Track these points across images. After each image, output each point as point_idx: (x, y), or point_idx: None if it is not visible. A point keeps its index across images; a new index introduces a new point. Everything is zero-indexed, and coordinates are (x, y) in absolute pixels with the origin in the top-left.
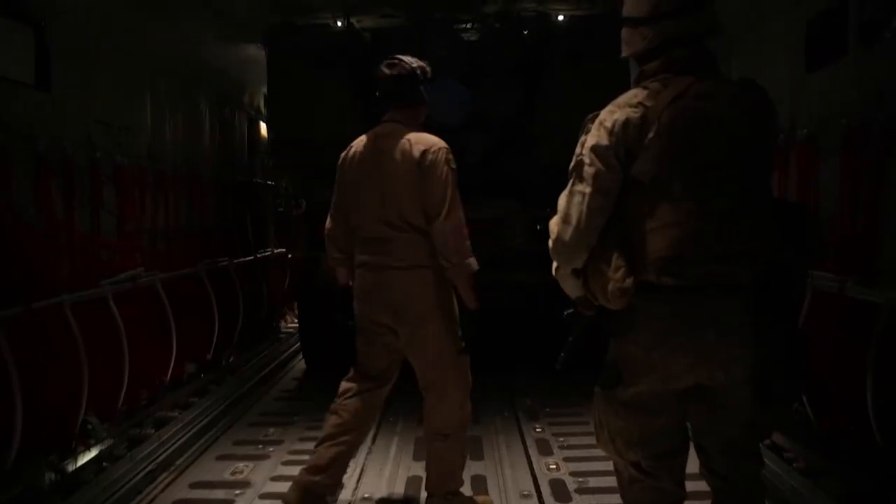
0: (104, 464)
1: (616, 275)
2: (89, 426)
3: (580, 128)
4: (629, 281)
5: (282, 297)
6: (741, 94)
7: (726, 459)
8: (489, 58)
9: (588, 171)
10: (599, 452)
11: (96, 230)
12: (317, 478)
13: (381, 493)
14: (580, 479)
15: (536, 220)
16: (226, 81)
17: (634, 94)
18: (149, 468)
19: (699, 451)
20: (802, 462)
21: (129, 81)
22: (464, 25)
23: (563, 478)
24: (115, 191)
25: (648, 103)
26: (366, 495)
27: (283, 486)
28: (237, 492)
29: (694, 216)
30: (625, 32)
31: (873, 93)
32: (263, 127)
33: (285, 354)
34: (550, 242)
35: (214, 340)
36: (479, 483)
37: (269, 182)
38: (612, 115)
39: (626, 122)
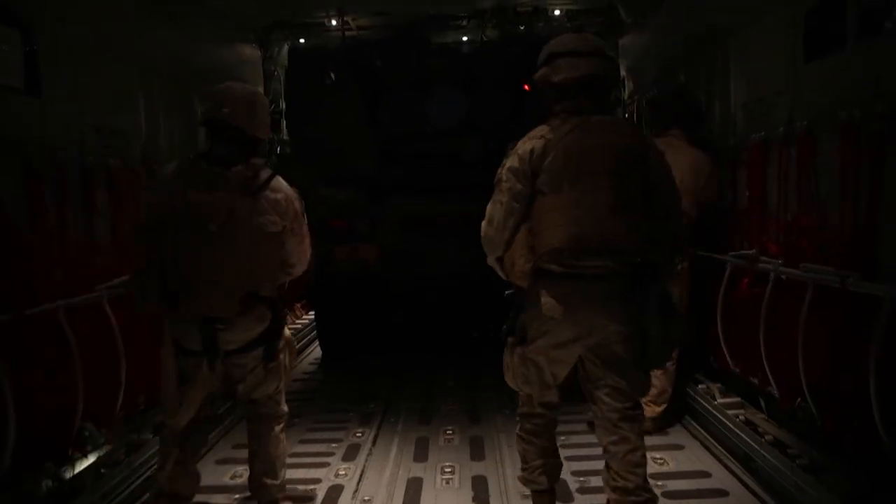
0: (102, 470)
1: (521, 261)
2: (86, 432)
3: (504, 153)
4: (528, 266)
5: (282, 296)
6: (621, 130)
7: (609, 406)
8: (482, 70)
9: (505, 185)
10: (601, 451)
11: (90, 235)
12: None
13: (382, 495)
14: (582, 479)
15: None
16: (220, 81)
17: (540, 129)
18: (147, 474)
19: (593, 401)
20: (806, 459)
21: (121, 84)
22: (460, 22)
23: (565, 477)
24: (108, 194)
25: (549, 136)
26: (366, 498)
27: None
28: (236, 496)
29: (577, 221)
30: (563, 65)
31: (873, 84)
32: None
33: None
34: (482, 238)
35: None
36: (480, 483)
37: None
38: (524, 144)
39: (532, 150)
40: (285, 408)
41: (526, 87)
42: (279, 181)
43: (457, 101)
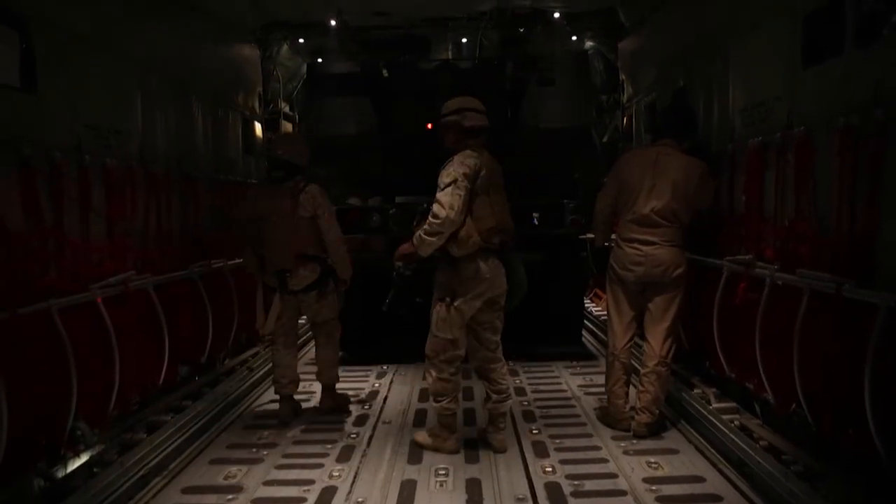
0: (94, 469)
1: (475, 236)
2: (78, 432)
3: (444, 165)
4: (479, 239)
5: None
6: (497, 161)
7: (490, 335)
8: (481, 84)
9: (461, 183)
10: (595, 455)
11: (86, 234)
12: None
13: (376, 496)
14: (576, 483)
15: (529, 214)
16: (219, 81)
17: (470, 153)
18: (140, 473)
19: (478, 339)
20: (800, 465)
21: (118, 82)
22: (459, 23)
23: (559, 481)
24: (104, 194)
25: (479, 160)
26: (360, 499)
27: (277, 491)
28: (230, 496)
29: (496, 212)
30: (471, 116)
31: (871, 90)
32: (258, 127)
33: None
34: (438, 221)
35: (209, 343)
36: (474, 486)
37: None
38: (468, 159)
39: (475, 165)
40: (339, 328)
41: (429, 126)
42: (311, 186)
43: None
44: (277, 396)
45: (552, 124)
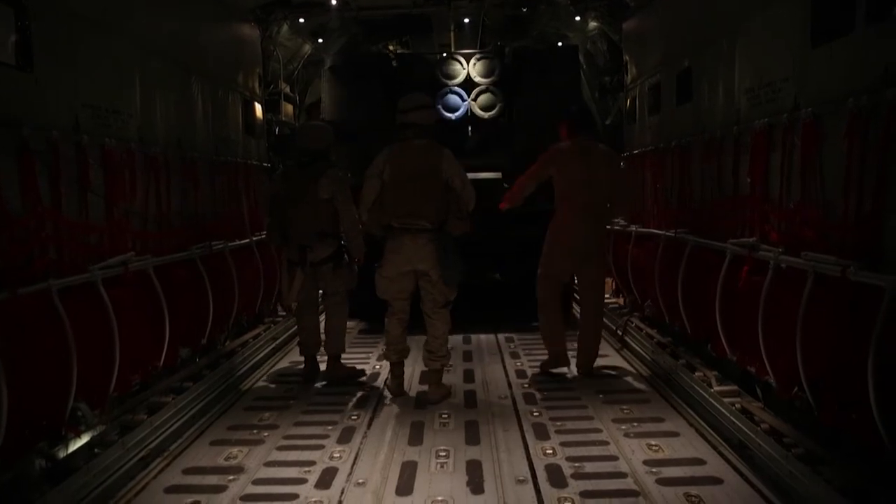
0: (96, 450)
1: (374, 218)
2: (79, 412)
3: (368, 168)
4: (381, 222)
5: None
6: (429, 150)
7: (430, 304)
8: (481, 76)
9: (370, 178)
10: (596, 437)
11: (84, 215)
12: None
13: (376, 478)
14: (576, 465)
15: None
16: (219, 62)
17: (386, 151)
18: (141, 454)
19: (422, 303)
20: (801, 448)
21: (117, 62)
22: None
23: (559, 462)
24: (103, 175)
25: (387, 157)
26: (360, 480)
27: (277, 472)
28: (230, 477)
29: (400, 198)
30: (398, 116)
31: (882, 70)
32: (259, 108)
33: (282, 338)
34: (358, 205)
35: (209, 324)
36: (475, 467)
37: (266, 164)
38: (378, 158)
39: (381, 162)
40: (347, 301)
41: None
42: (331, 170)
43: (459, 99)
44: (280, 377)
45: (549, 108)
